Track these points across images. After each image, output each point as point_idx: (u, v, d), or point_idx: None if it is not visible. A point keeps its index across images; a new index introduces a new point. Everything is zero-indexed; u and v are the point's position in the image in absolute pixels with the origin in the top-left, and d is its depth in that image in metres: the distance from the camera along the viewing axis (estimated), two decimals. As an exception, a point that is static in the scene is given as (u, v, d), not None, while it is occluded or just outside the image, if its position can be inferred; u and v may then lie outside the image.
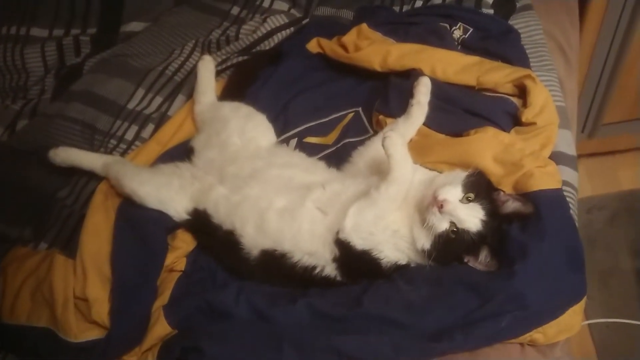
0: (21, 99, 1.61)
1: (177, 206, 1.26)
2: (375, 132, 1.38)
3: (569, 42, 1.55)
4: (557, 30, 1.56)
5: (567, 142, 1.31)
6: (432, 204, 1.06)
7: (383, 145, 1.09)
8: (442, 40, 1.42)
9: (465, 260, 1.09)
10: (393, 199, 1.10)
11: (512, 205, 1.11)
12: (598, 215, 2.13)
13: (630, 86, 1.92)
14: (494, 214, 1.08)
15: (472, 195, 1.07)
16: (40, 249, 1.31)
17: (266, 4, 1.65)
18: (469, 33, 1.46)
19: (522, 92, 1.29)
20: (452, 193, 1.07)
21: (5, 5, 1.74)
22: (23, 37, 1.70)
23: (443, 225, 1.06)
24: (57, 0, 1.73)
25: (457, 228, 1.06)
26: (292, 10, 1.62)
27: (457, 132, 1.27)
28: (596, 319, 1.86)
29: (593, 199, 2.15)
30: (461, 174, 1.11)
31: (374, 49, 1.41)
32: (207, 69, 1.45)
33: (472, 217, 1.06)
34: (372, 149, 1.27)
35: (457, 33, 1.45)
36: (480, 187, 1.09)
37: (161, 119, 1.48)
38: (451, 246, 1.07)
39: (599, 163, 2.21)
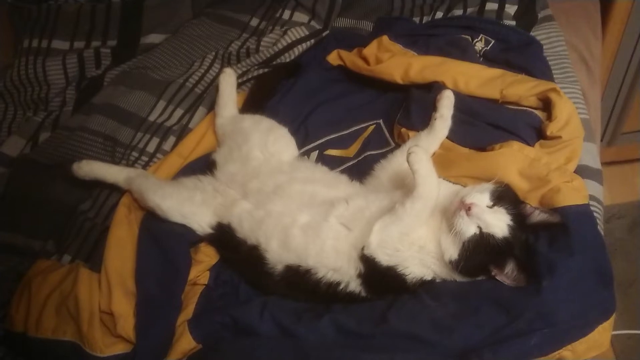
0: (42, 111, 1.62)
1: (200, 220, 1.26)
2: (397, 145, 1.38)
3: (592, 52, 1.54)
4: (579, 41, 1.54)
5: (592, 156, 1.30)
6: (459, 207, 1.06)
7: (408, 161, 1.09)
8: (464, 53, 1.41)
9: (492, 273, 1.09)
10: (419, 215, 1.09)
11: (538, 217, 1.10)
12: (617, 224, 2.12)
13: (652, 95, 1.91)
14: (520, 223, 1.08)
15: (498, 202, 1.07)
16: (64, 261, 1.31)
17: (286, 15, 1.64)
18: (490, 45, 1.45)
19: (545, 105, 1.28)
20: (479, 198, 1.07)
21: (27, 18, 1.75)
22: (44, 49, 1.72)
23: (471, 230, 1.06)
24: (77, 12, 1.76)
25: (484, 233, 1.05)
26: (312, 22, 1.61)
27: (481, 146, 1.26)
28: (616, 329, 1.82)
29: (612, 207, 2.13)
30: (487, 185, 1.11)
31: (395, 62, 1.41)
32: (228, 82, 1.45)
33: (499, 222, 1.06)
34: (395, 163, 1.27)
35: (479, 45, 1.44)
36: (506, 197, 1.10)
37: (182, 132, 1.48)
38: (478, 253, 1.06)
39: (618, 171, 2.19)
